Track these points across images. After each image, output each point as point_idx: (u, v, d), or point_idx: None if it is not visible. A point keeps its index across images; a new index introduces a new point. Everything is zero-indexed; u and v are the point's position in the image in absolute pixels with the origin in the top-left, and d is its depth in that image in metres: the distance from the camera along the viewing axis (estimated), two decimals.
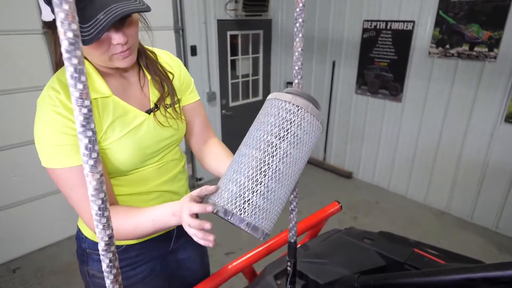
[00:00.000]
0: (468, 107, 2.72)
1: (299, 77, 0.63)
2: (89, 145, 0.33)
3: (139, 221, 0.73)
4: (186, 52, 3.07)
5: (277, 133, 0.61)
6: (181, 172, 1.00)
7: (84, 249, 0.93)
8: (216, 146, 1.01)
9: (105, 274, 0.39)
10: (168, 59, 0.96)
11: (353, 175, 3.78)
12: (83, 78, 0.30)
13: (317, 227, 1.22)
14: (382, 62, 3.14)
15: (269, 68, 4.07)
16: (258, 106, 4.09)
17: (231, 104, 3.75)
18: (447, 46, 2.71)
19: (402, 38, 2.96)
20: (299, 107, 0.61)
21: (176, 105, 0.91)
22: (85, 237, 0.92)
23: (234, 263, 0.96)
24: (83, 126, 0.32)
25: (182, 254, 1.09)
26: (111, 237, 0.38)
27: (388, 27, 3.03)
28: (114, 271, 0.39)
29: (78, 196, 0.73)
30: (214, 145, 1.01)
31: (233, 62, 3.67)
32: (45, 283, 2.27)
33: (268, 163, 0.60)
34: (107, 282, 0.39)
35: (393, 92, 3.14)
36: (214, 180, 3.73)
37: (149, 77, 0.87)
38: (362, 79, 3.35)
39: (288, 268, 0.84)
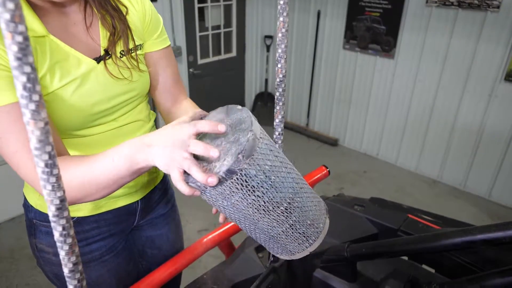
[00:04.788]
0: (467, 64, 2.78)
1: (285, 25, 0.59)
2: (28, 84, 0.29)
3: (95, 166, 0.65)
4: None
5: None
6: None
7: (30, 219, 0.90)
8: (189, 107, 0.95)
9: (58, 244, 0.37)
10: None
11: (339, 142, 3.85)
12: None
13: None
14: (374, 12, 3.12)
15: (244, 19, 3.96)
16: (231, 63, 4.02)
17: (200, 61, 3.65)
18: None
19: None
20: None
21: (133, 53, 0.83)
22: (31, 205, 0.89)
23: (210, 236, 0.97)
24: (18, 59, 0.28)
25: (150, 231, 1.08)
26: (63, 200, 0.35)
27: None
28: (69, 240, 0.37)
29: (11, 145, 0.64)
30: (186, 107, 0.95)
31: (201, 11, 3.53)
32: None
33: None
34: (61, 253, 0.37)
35: (385, 47, 3.15)
36: None
37: (98, 15, 0.79)
38: (351, 32, 3.33)
39: None
